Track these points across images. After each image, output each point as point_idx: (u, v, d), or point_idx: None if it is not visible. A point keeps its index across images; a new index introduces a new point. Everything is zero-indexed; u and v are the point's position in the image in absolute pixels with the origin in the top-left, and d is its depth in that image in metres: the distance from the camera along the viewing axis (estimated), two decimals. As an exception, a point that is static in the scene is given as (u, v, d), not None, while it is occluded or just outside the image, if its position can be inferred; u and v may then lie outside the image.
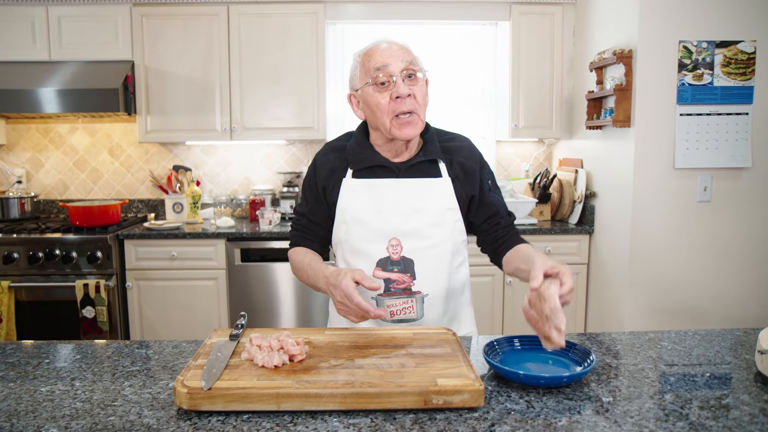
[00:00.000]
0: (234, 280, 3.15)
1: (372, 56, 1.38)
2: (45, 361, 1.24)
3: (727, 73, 2.69)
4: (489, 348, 1.21)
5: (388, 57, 1.36)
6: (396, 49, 1.37)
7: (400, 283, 1.45)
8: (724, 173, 2.77)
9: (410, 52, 1.40)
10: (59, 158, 3.70)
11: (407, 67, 1.36)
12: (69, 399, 1.05)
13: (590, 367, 1.11)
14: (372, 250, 1.45)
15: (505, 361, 1.20)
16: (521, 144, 3.80)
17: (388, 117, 1.38)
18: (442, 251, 1.46)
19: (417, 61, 1.40)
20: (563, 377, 1.09)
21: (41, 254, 2.99)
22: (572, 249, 3.22)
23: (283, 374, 1.05)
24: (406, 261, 1.45)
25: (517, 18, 3.38)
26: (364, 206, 1.46)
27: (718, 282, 2.82)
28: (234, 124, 3.35)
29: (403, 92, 1.35)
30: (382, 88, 1.37)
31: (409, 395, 0.99)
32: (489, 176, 1.54)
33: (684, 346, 1.35)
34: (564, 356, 1.21)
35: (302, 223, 1.55)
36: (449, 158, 1.49)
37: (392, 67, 1.35)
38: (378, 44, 1.40)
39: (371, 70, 1.37)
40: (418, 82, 1.38)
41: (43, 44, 3.23)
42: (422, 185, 1.45)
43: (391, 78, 1.36)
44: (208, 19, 3.28)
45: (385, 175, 1.46)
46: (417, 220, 1.44)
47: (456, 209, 1.47)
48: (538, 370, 1.17)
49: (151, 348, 1.33)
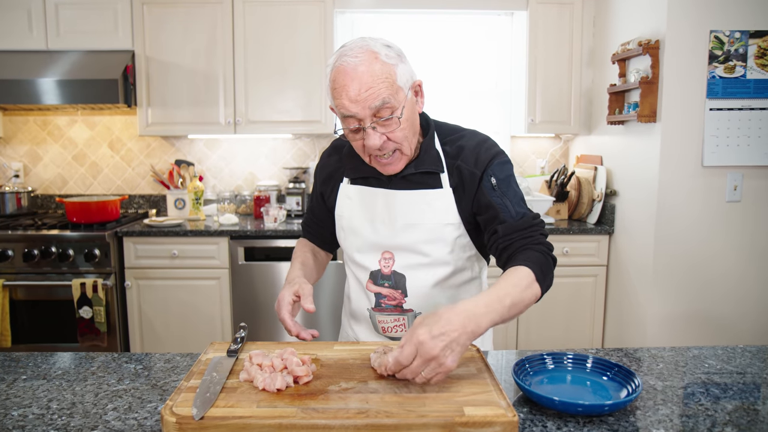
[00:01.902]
0: (237, 281, 3.02)
1: (338, 93, 1.14)
2: (22, 377, 1.11)
3: (761, 65, 2.53)
4: (519, 368, 1.07)
5: (355, 102, 1.12)
6: (365, 88, 1.11)
7: (391, 299, 1.33)
8: (756, 171, 2.61)
9: (384, 78, 1.12)
10: (58, 152, 3.58)
11: (378, 110, 1.13)
12: (43, 425, 0.92)
13: (635, 394, 0.97)
14: (365, 261, 1.34)
15: (537, 383, 1.06)
16: (537, 140, 3.65)
17: (367, 156, 1.22)
18: (440, 270, 1.29)
19: (394, 91, 1.13)
20: (605, 405, 0.95)
21: (37, 252, 2.87)
22: (591, 250, 3.07)
23: (286, 399, 0.92)
24: (397, 276, 1.31)
25: (534, 7, 3.22)
26: (358, 215, 1.34)
27: (748, 287, 2.66)
28: (238, 117, 3.22)
29: (374, 144, 1.15)
30: (354, 132, 1.18)
31: (431, 427, 0.85)
32: (495, 174, 1.24)
33: (735, 365, 1.21)
34: (604, 378, 1.07)
35: (307, 219, 1.53)
36: (451, 163, 1.27)
37: (360, 114, 1.13)
38: (343, 80, 1.12)
39: (339, 111, 1.16)
40: (393, 123, 1.15)
41: (40, 33, 3.10)
42: (417, 198, 1.27)
43: (362, 123, 1.15)
44: (212, 7, 3.15)
45: (378, 185, 1.31)
46: (410, 235, 1.28)
47: (457, 224, 1.27)
48: (574, 394, 1.03)
49: (141, 362, 1.20)
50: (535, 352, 1.15)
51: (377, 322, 1.35)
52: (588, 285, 3.11)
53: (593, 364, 1.11)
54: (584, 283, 3.11)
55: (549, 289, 1.16)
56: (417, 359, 0.93)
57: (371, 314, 1.37)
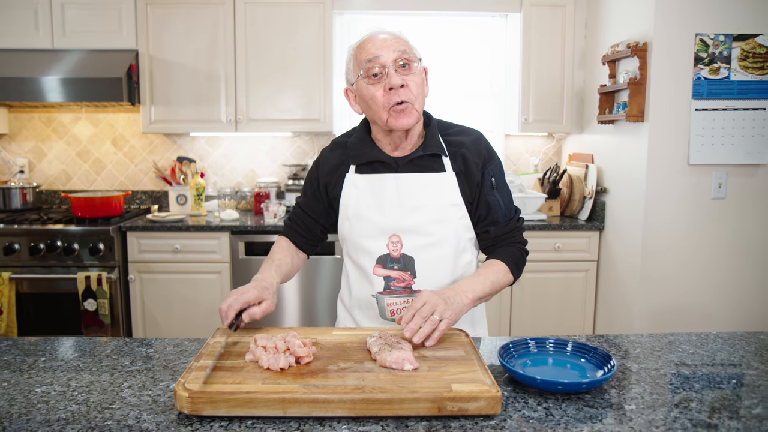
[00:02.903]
0: (238, 274, 3.10)
1: (364, 48, 1.32)
2: (41, 359, 1.20)
3: (744, 67, 2.62)
4: (504, 351, 1.16)
5: (380, 48, 1.30)
6: (389, 39, 1.31)
7: (400, 281, 1.41)
8: (740, 170, 2.70)
9: (404, 41, 1.34)
10: (62, 148, 3.65)
11: (400, 56, 1.30)
12: (64, 401, 1.00)
13: (611, 373, 1.06)
14: (373, 246, 1.41)
15: (521, 365, 1.14)
16: (530, 138, 3.73)
17: (384, 109, 1.33)
18: (445, 249, 1.40)
19: (412, 50, 1.33)
20: (582, 383, 1.03)
21: (43, 246, 2.95)
22: (582, 246, 3.16)
23: (289, 377, 1.00)
24: (406, 258, 1.40)
25: (528, 10, 3.31)
26: (366, 202, 1.42)
27: (732, 281, 2.75)
28: (239, 116, 3.30)
29: (395, 83, 1.29)
30: (375, 80, 1.31)
31: (422, 402, 0.93)
32: (495, 173, 1.43)
33: (706, 350, 1.30)
34: (583, 360, 1.16)
35: (296, 214, 1.55)
36: (454, 151, 1.42)
37: (384, 57, 1.29)
38: (370, 36, 1.34)
39: (363, 62, 1.32)
40: (412, 72, 1.32)
41: (46, 32, 3.17)
42: (423, 180, 1.39)
43: (384, 69, 1.30)
44: (214, 8, 3.22)
45: (386, 171, 1.41)
46: (418, 216, 1.39)
47: (460, 205, 1.41)
48: (555, 375, 1.12)
49: (152, 346, 1.28)
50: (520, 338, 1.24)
51: (385, 306, 1.41)
52: (579, 280, 3.20)
53: (573, 348, 1.19)
54: (575, 278, 3.20)
55: (521, 275, 1.45)
56: (426, 305, 1.17)
57: (378, 299, 1.42)
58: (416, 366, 1.05)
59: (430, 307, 1.17)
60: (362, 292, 1.46)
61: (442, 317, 1.17)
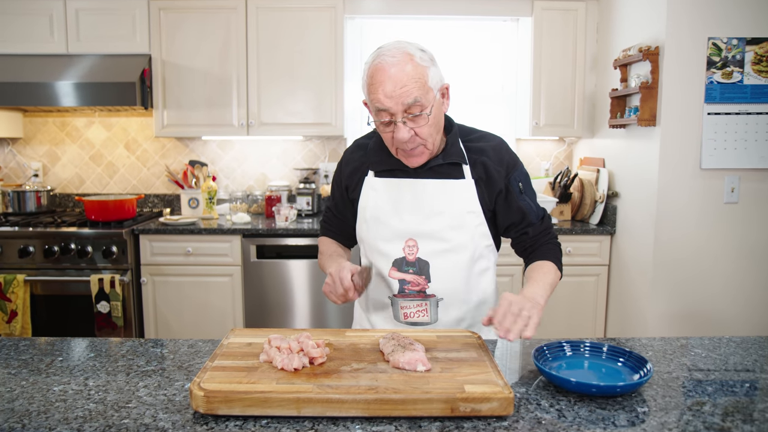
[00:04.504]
0: (249, 277, 3.12)
1: (375, 89, 1.25)
2: (58, 359, 1.22)
3: (758, 71, 2.60)
4: (539, 353, 1.17)
5: (389, 98, 1.24)
6: (399, 86, 1.23)
7: (415, 285, 1.41)
8: (753, 174, 2.69)
9: (419, 78, 1.24)
10: (76, 152, 3.70)
11: (409, 109, 1.24)
12: (82, 399, 1.02)
13: (647, 377, 1.05)
14: (389, 249, 1.42)
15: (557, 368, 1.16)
16: (541, 142, 3.73)
17: (394, 148, 1.35)
18: (461, 255, 1.41)
19: (423, 95, 1.25)
20: (617, 387, 1.03)
21: (57, 248, 2.98)
22: (593, 250, 3.15)
23: (303, 378, 1.01)
24: (422, 263, 1.40)
25: (539, 14, 3.31)
26: (384, 205, 1.43)
27: (745, 287, 2.73)
28: (251, 119, 3.32)
29: (403, 137, 1.27)
30: (386, 125, 1.30)
31: (435, 402, 0.94)
32: (521, 178, 1.44)
33: (719, 353, 1.29)
34: (619, 363, 1.16)
35: (328, 217, 1.61)
36: (474, 158, 1.41)
37: (393, 109, 1.25)
38: (382, 71, 1.24)
39: (373, 105, 1.28)
40: (422, 120, 1.27)
41: (61, 37, 3.22)
42: (442, 186, 1.40)
43: (394, 117, 1.26)
44: (226, 12, 3.25)
45: (405, 176, 1.42)
46: (435, 222, 1.39)
47: (478, 213, 1.41)
48: (591, 379, 1.12)
49: (167, 347, 1.30)
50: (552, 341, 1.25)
51: (399, 308, 1.43)
52: (590, 284, 3.19)
53: (608, 351, 1.19)
54: (586, 282, 3.19)
55: None
56: (513, 305, 1.18)
57: (393, 301, 1.43)
58: (429, 367, 1.06)
59: (518, 306, 1.18)
60: (378, 293, 1.47)
61: (531, 314, 1.18)
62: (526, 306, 1.19)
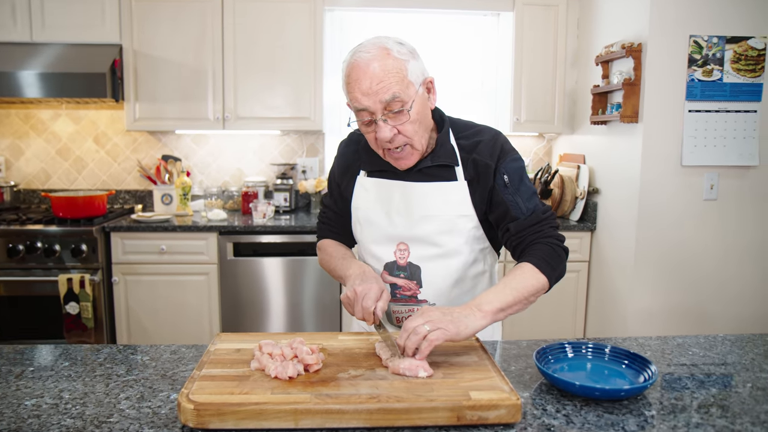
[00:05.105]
0: (226, 276, 3.03)
1: (352, 87, 1.20)
2: (29, 369, 1.13)
3: (737, 70, 2.63)
4: (540, 355, 1.12)
5: (367, 95, 1.18)
6: (376, 82, 1.16)
7: (406, 289, 1.36)
8: (731, 171, 2.72)
9: (396, 73, 1.18)
10: (41, 146, 3.53)
11: (388, 106, 1.18)
12: (58, 415, 0.94)
13: (652, 380, 1.02)
14: (381, 252, 1.37)
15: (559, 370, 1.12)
16: (521, 138, 3.72)
17: (380, 150, 1.28)
18: (453, 260, 1.33)
19: (403, 90, 1.18)
20: (621, 390, 1.00)
21: (21, 247, 2.84)
22: (573, 246, 3.15)
23: (299, 387, 0.95)
24: (413, 267, 1.35)
25: (520, 9, 3.29)
26: (375, 207, 1.37)
27: (724, 282, 2.76)
28: (227, 113, 3.22)
29: (385, 136, 1.20)
30: (367, 125, 1.23)
31: (440, 411, 0.89)
32: (507, 171, 1.30)
33: (716, 352, 1.28)
34: (623, 366, 1.13)
35: (328, 216, 1.50)
36: (466, 157, 1.31)
37: (372, 107, 1.18)
38: (357, 68, 1.18)
39: (352, 105, 1.22)
40: (403, 116, 1.20)
41: (25, 25, 3.06)
42: (433, 190, 1.31)
43: (374, 116, 1.20)
44: (202, 2, 3.14)
45: (395, 177, 1.35)
46: (426, 226, 1.32)
47: (471, 216, 1.32)
48: (593, 381, 1.09)
49: (148, 353, 1.22)
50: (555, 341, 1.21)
51: (391, 312, 1.38)
52: (570, 280, 3.19)
53: (611, 352, 1.16)
54: (567, 278, 3.18)
55: (562, 277, 1.26)
56: (419, 319, 1.07)
57: None
58: (431, 373, 1.01)
59: (422, 319, 1.07)
60: None
61: (436, 327, 1.05)
62: (433, 317, 1.07)
